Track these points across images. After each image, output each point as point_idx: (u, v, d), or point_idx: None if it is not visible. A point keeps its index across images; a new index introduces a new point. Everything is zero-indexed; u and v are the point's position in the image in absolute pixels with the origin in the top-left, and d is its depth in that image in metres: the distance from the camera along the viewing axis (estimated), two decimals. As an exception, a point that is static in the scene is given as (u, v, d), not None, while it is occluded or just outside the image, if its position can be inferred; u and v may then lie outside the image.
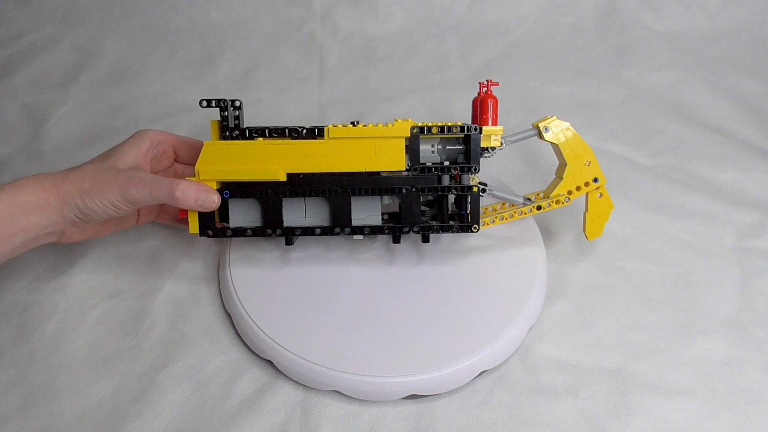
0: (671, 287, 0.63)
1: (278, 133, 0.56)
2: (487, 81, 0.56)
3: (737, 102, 0.87)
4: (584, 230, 0.62)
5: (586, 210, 0.61)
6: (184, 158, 0.63)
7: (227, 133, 0.55)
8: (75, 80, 0.89)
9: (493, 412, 0.53)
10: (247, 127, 0.56)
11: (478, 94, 0.58)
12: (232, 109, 0.56)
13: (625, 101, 0.87)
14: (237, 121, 0.56)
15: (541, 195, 0.61)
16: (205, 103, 0.56)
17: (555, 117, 0.58)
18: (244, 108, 0.58)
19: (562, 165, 0.60)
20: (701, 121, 0.84)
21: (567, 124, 0.57)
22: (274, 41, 0.96)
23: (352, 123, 0.56)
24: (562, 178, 0.60)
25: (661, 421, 0.52)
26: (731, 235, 0.68)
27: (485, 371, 0.55)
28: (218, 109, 0.56)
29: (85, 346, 0.58)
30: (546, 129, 0.56)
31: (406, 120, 0.56)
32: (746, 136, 0.81)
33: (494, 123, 0.56)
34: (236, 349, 0.58)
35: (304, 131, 0.56)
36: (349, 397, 0.53)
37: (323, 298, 0.58)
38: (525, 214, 0.60)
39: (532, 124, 0.59)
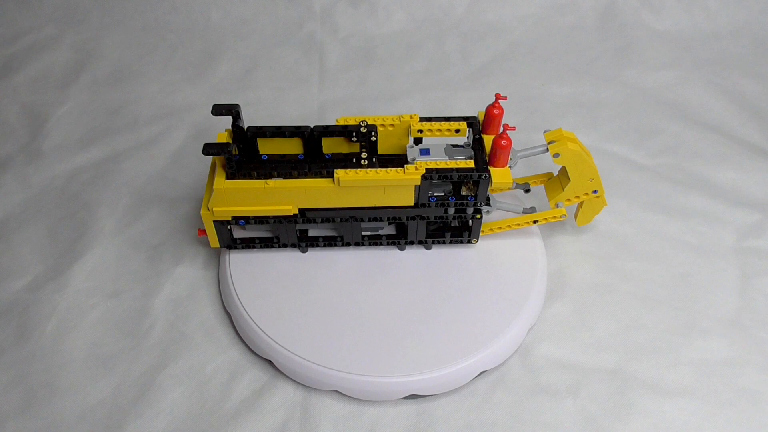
0: (671, 287, 0.63)
1: (276, 133, 0.56)
2: (504, 125, 0.55)
3: (737, 102, 0.87)
4: (575, 217, 0.64)
5: (581, 204, 0.63)
6: None
7: (231, 171, 0.55)
8: (75, 80, 0.89)
9: (493, 412, 0.53)
10: (248, 128, 0.56)
11: (494, 106, 0.57)
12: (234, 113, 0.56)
13: (625, 101, 0.87)
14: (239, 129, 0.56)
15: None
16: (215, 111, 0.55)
17: (562, 129, 0.57)
18: (244, 108, 0.58)
19: (566, 176, 0.60)
20: (701, 121, 0.84)
21: (576, 147, 0.57)
22: (274, 41, 0.96)
23: (360, 123, 0.56)
24: (562, 179, 0.61)
25: (661, 421, 0.52)
26: (731, 235, 0.68)
27: (485, 371, 0.55)
28: (230, 117, 0.55)
29: (85, 346, 0.58)
30: (557, 155, 0.56)
31: (412, 116, 0.57)
32: (746, 136, 0.81)
33: (503, 165, 0.56)
34: (236, 349, 0.58)
35: (308, 168, 0.56)
36: (349, 397, 0.54)
37: (323, 297, 0.58)
38: (521, 226, 0.61)
39: (544, 134, 0.58)
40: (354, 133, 0.56)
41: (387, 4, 0.99)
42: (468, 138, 0.59)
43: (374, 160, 0.57)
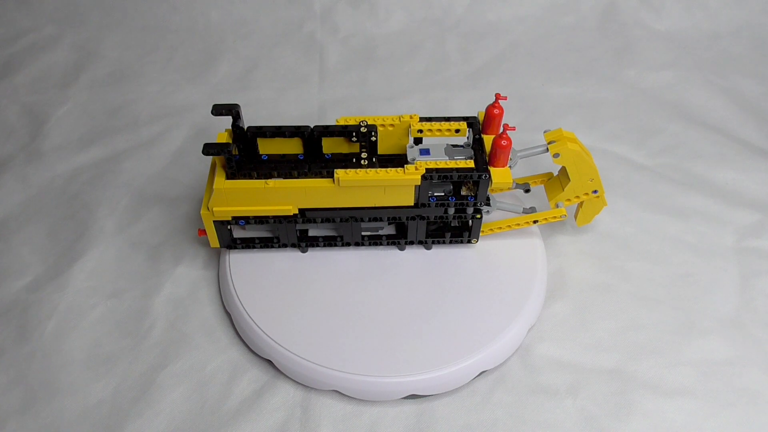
0: (671, 287, 0.63)
1: (276, 133, 0.56)
2: (504, 125, 0.55)
3: (737, 102, 0.87)
4: (575, 217, 0.64)
5: (581, 204, 0.63)
6: None
7: (231, 171, 0.55)
8: (75, 80, 0.89)
9: (493, 412, 0.53)
10: (248, 128, 0.56)
11: (494, 106, 0.57)
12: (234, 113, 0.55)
13: (625, 101, 0.87)
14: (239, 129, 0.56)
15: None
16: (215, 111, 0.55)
17: (562, 129, 0.57)
18: (244, 108, 0.58)
19: (566, 176, 0.60)
20: (701, 121, 0.84)
21: (576, 147, 0.57)
22: (274, 41, 0.96)
23: (360, 123, 0.56)
24: (562, 179, 0.61)
25: (661, 421, 0.52)
26: (731, 235, 0.68)
27: (485, 371, 0.55)
28: (230, 117, 0.55)
29: (85, 346, 0.58)
30: (557, 155, 0.57)
31: (412, 116, 0.57)
32: (746, 136, 0.81)
33: (503, 164, 0.56)
34: (236, 349, 0.58)
35: (308, 168, 0.56)
36: (349, 397, 0.54)
37: (324, 297, 0.58)
38: (521, 226, 0.61)
39: (544, 134, 0.58)
40: (354, 133, 0.56)
41: (387, 4, 0.99)
42: (468, 138, 0.59)
43: (374, 160, 0.57)
